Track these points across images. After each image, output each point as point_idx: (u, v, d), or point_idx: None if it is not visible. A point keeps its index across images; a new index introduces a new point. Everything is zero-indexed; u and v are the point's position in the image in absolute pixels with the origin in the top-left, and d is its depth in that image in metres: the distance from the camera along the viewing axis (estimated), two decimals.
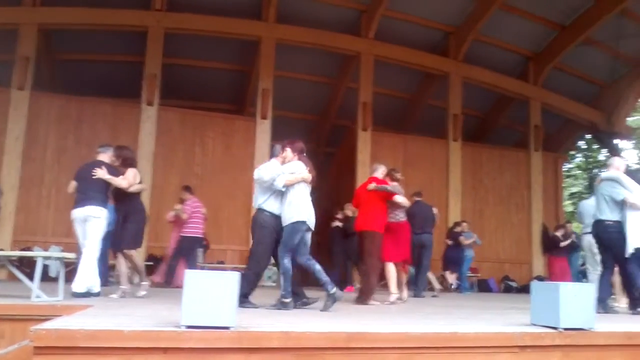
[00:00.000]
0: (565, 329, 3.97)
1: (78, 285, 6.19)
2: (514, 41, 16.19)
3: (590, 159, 27.30)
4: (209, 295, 3.35)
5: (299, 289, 5.95)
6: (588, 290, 4.28)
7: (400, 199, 7.55)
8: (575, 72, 17.21)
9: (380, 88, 15.76)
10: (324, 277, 5.71)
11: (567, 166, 24.90)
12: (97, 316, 4.07)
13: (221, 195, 13.69)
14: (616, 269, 7.15)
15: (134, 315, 4.21)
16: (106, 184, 6.71)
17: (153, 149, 12.90)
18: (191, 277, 3.41)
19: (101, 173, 6.64)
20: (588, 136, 21.01)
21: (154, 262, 11.83)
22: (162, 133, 13.24)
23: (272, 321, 4.22)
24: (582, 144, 25.11)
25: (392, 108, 17.60)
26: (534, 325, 4.25)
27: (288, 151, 6.06)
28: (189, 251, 10.07)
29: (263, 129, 13.85)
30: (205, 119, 14.19)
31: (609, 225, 6.74)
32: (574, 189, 28.48)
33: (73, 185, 6.80)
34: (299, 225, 5.70)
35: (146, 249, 12.05)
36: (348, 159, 15.84)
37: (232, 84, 16.67)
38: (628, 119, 19.01)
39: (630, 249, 6.54)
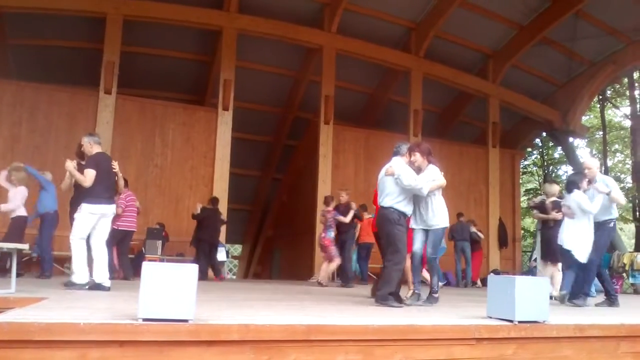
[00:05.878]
0: (520, 322, 4.07)
1: (102, 277, 6.35)
2: (474, 39, 16.44)
3: (546, 156, 27.95)
4: (167, 287, 3.31)
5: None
6: (542, 284, 4.40)
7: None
8: (532, 71, 17.60)
9: (343, 82, 15.82)
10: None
11: (523, 163, 25.43)
12: (51, 309, 3.98)
13: (182, 186, 13.56)
14: None
15: (89, 308, 4.12)
16: None
17: (111, 138, 12.61)
18: (149, 270, 3.35)
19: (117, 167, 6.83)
20: (544, 134, 21.50)
21: None
22: (120, 122, 12.97)
23: (231, 314, 4.20)
24: (538, 141, 25.68)
25: (354, 102, 17.70)
26: (490, 318, 4.34)
27: (417, 155, 6.08)
28: (122, 244, 9.70)
29: (224, 120, 13.73)
30: (165, 109, 13.96)
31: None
32: (530, 185, 29.16)
33: (93, 175, 6.46)
34: (443, 230, 6.02)
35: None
36: (310, 152, 15.87)
37: (193, 74, 16.47)
38: (583, 117, 19.55)
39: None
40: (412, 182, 5.76)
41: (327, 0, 14.66)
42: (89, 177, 6.43)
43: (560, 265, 7.88)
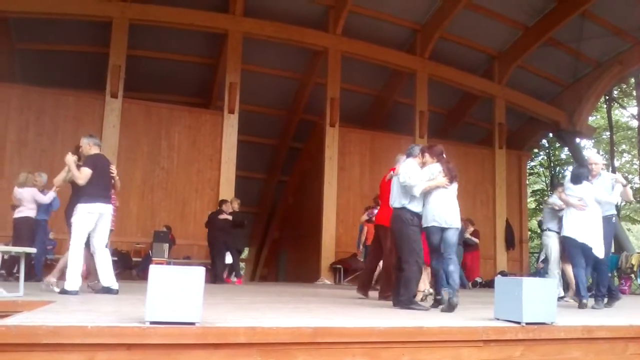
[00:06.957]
0: (528, 324, 4.05)
1: (109, 280, 6.34)
2: (480, 40, 16.40)
3: (553, 157, 27.84)
4: (174, 290, 3.31)
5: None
6: (550, 286, 4.37)
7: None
8: (538, 72, 17.54)
9: (348, 84, 15.81)
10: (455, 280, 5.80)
11: (530, 164, 25.36)
12: (58, 312, 3.99)
13: (188, 189, 13.58)
14: None
15: (97, 311, 4.13)
16: None
17: (117, 142, 12.65)
18: (156, 273, 3.36)
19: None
20: (551, 135, 21.42)
21: (118, 257, 11.61)
22: (127, 126, 13.01)
23: (238, 316, 4.20)
24: (544, 142, 25.60)
25: (359, 104, 17.68)
26: (498, 319, 4.32)
27: (427, 156, 6.10)
28: None
29: (230, 123, 13.74)
30: (171, 112, 13.99)
31: None
32: (537, 186, 29.05)
33: (88, 174, 6.38)
34: (429, 229, 5.85)
35: (110, 244, 11.82)
36: (316, 154, 15.87)
37: (199, 77, 16.49)
38: (589, 118, 19.46)
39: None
40: (408, 180, 5.76)
41: (332, 3, 14.66)
42: (84, 174, 6.36)
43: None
